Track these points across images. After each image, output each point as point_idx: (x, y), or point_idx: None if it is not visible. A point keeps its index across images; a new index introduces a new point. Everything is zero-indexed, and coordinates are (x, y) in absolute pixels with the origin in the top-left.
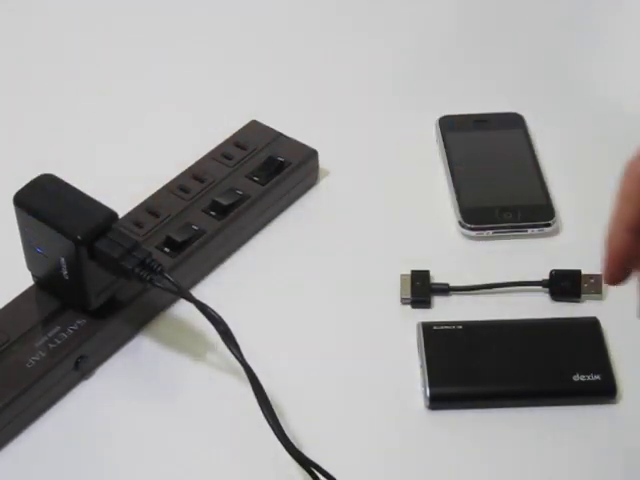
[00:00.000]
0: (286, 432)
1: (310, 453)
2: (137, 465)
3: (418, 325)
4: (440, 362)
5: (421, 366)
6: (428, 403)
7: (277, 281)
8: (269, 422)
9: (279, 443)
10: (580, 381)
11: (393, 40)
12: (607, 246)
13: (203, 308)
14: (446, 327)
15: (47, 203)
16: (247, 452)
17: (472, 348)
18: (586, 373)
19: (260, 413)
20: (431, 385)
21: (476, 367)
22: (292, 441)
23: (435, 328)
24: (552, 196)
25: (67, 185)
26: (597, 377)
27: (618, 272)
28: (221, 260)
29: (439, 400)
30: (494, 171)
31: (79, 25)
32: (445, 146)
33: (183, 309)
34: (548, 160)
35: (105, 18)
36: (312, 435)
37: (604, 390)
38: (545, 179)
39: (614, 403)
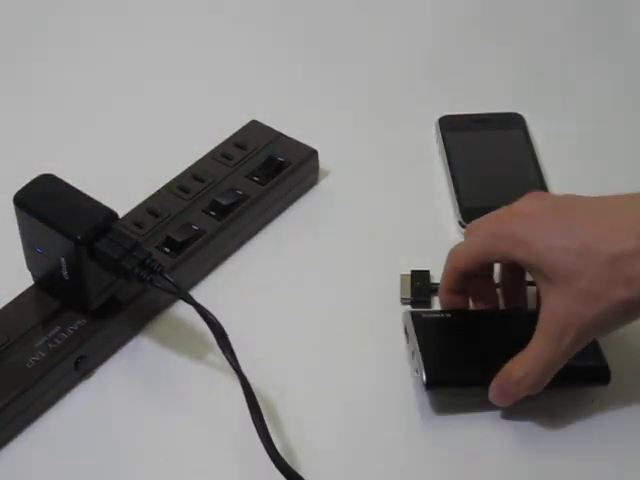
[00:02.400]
0: (284, 433)
1: (308, 453)
2: (136, 465)
3: (405, 313)
4: (432, 347)
5: (413, 352)
6: (424, 385)
7: (277, 281)
8: (259, 433)
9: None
10: (573, 366)
11: (393, 40)
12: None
13: (201, 310)
14: (435, 315)
15: (47, 203)
16: (245, 452)
17: (463, 334)
18: (579, 358)
19: None
20: (426, 367)
21: (468, 352)
22: (281, 453)
23: (424, 316)
24: None
25: (67, 185)
26: (590, 362)
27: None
28: (221, 260)
29: (435, 383)
30: (494, 171)
31: (78, 24)
32: (445, 146)
33: (183, 309)
34: (548, 160)
35: (105, 18)
36: (310, 435)
37: (597, 375)
38: (545, 179)
39: (607, 388)
